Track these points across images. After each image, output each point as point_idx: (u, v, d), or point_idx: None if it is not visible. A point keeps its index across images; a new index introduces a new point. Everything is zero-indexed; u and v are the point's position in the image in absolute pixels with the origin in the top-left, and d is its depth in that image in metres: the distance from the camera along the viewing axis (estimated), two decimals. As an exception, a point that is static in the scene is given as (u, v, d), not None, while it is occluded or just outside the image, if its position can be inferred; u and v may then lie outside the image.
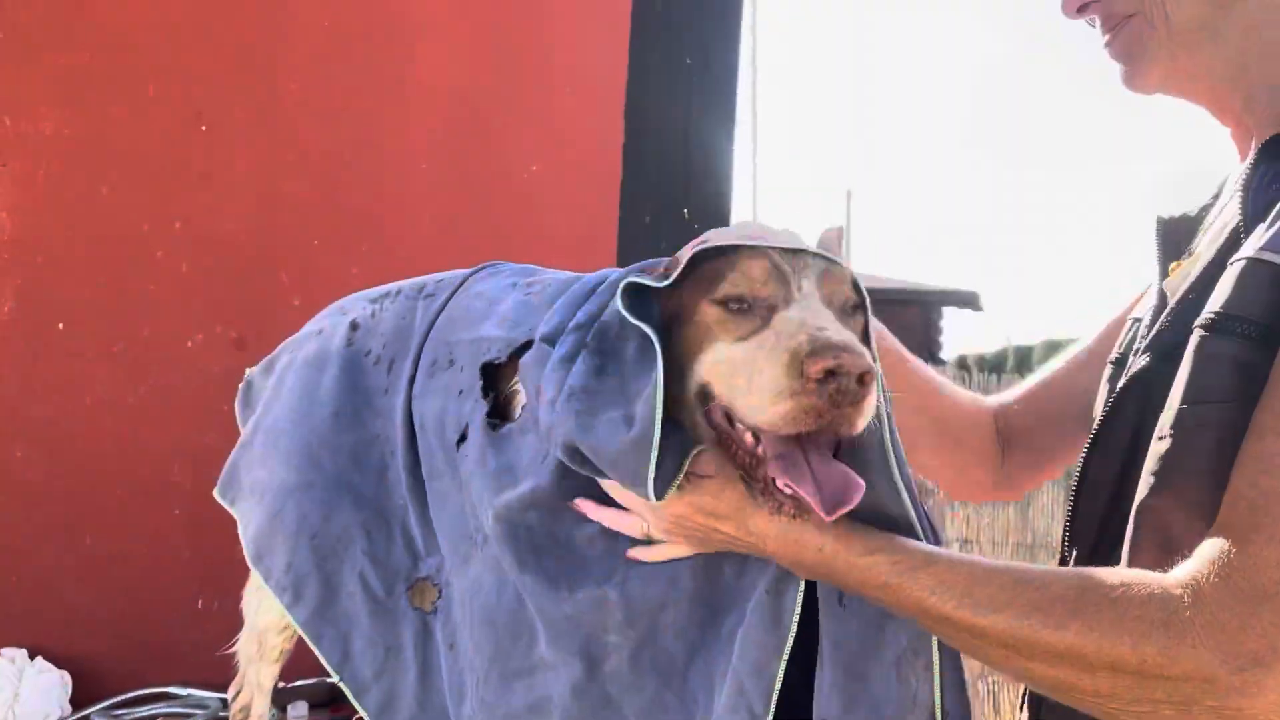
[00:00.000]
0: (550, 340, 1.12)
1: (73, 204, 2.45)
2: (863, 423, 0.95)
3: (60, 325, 2.44)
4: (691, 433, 1.04)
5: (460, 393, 1.28)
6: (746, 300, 1.02)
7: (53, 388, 2.44)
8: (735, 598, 1.08)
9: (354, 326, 1.44)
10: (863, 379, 0.92)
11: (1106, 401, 1.10)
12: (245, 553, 1.42)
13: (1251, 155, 1.06)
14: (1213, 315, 0.92)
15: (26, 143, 2.42)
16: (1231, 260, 0.95)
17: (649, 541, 1.10)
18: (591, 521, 1.12)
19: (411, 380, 1.35)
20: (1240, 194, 1.02)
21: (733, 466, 1.02)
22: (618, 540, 1.11)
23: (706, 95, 2.68)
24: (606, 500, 1.12)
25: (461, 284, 1.41)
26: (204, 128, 2.48)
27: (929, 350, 15.40)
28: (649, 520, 1.08)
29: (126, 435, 2.47)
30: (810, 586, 1.04)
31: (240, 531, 1.45)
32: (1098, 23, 1.16)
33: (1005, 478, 1.47)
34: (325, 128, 2.59)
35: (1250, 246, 0.93)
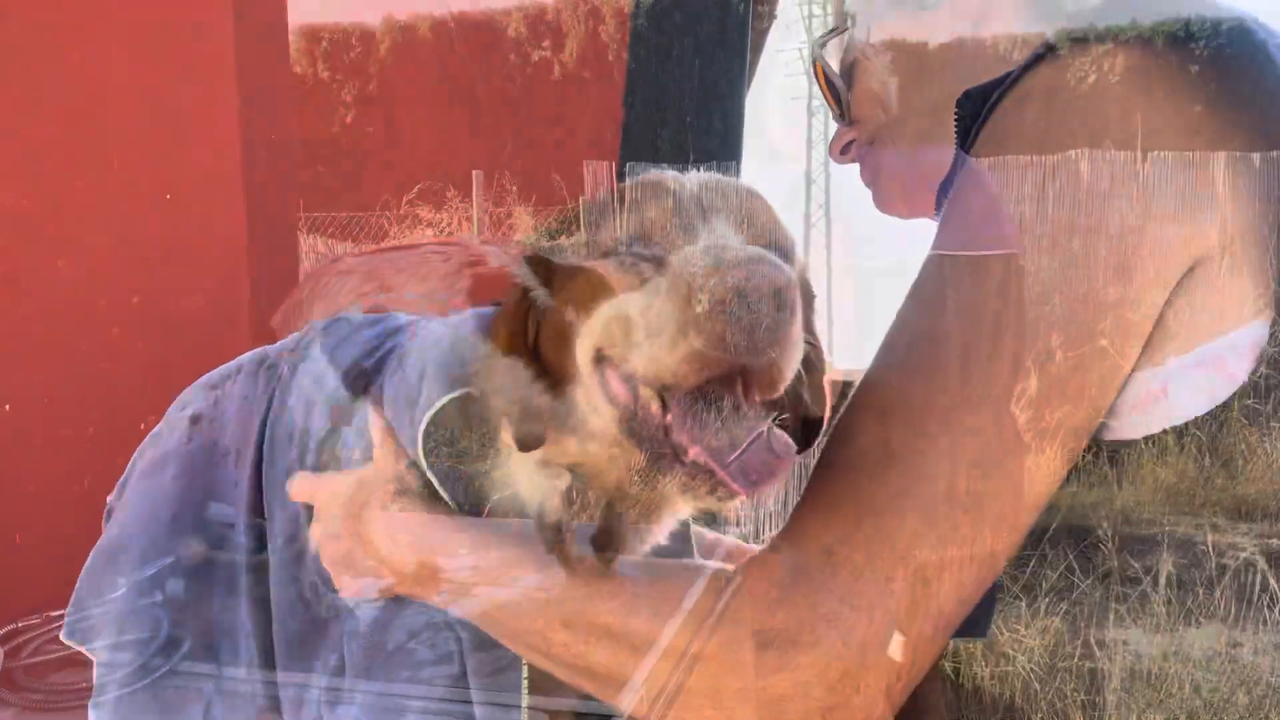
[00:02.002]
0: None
1: (26, 277, 2.31)
2: (788, 367, 0.75)
3: (6, 407, 2.26)
4: (593, 415, 0.90)
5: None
6: (642, 245, 0.85)
7: (-7, 476, 2.25)
8: None
9: (194, 420, 1.26)
10: (779, 296, 0.71)
11: None
12: None
13: None
14: None
15: (-18, 214, 2.31)
16: None
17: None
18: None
19: (258, 468, 1.16)
20: None
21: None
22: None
23: (707, 155, 2.48)
24: None
25: (304, 347, 1.23)
26: (169, 196, 2.33)
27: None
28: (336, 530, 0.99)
29: (71, 531, 2.23)
30: None
31: None
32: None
33: None
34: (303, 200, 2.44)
35: None
